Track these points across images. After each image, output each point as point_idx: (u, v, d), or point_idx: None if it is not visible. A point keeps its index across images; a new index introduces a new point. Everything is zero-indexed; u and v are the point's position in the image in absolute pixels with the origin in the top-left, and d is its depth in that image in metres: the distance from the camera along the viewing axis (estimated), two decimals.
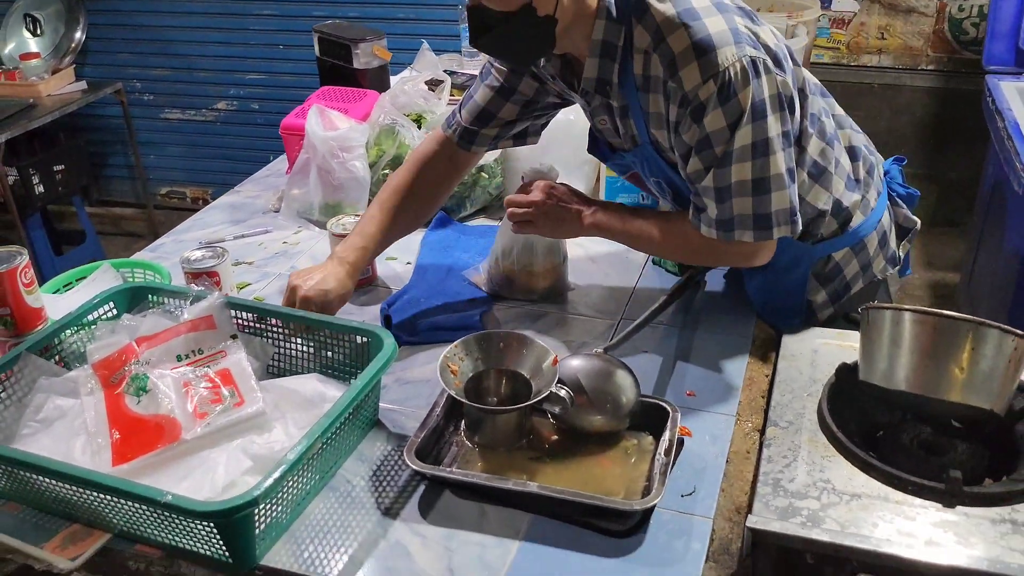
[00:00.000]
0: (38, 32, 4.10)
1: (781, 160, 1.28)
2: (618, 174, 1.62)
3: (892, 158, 1.61)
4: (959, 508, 1.08)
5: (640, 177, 1.52)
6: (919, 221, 1.58)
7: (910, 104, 3.50)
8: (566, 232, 1.49)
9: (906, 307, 1.19)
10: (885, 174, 1.56)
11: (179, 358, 1.29)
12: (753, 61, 1.23)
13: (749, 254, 1.37)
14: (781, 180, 1.29)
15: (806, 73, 1.39)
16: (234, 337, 1.32)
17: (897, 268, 1.56)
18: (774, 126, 1.26)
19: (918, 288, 3.39)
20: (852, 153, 1.46)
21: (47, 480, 1.10)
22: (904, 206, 1.57)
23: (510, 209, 1.48)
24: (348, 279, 1.48)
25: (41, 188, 3.79)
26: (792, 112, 1.30)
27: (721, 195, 1.30)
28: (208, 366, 1.28)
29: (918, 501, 1.09)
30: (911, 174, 3.63)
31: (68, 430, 1.22)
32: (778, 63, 1.27)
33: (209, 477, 1.14)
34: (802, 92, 1.35)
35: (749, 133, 1.25)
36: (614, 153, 1.50)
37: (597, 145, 1.53)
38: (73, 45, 4.10)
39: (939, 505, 1.08)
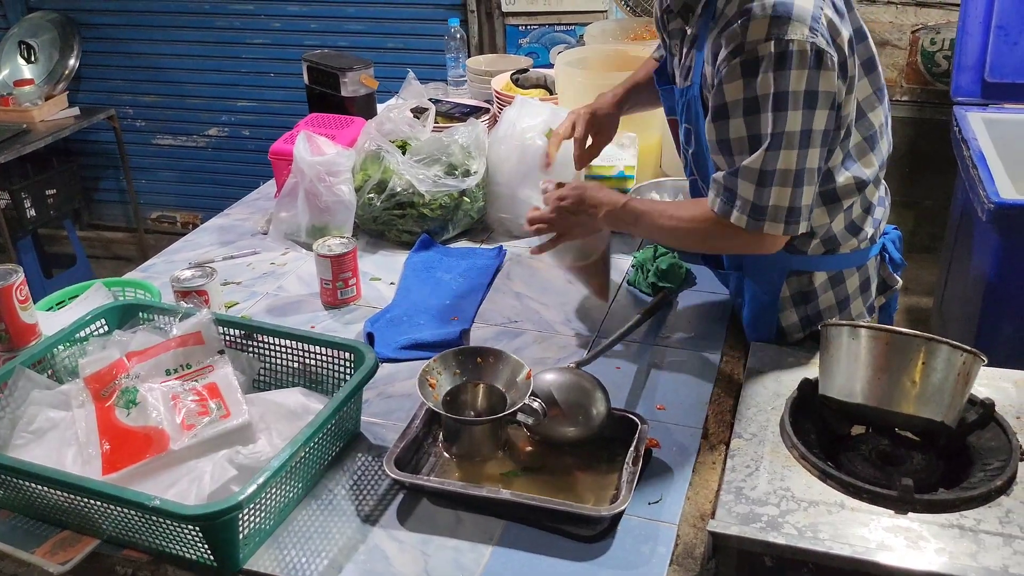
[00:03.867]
0: (32, 59, 4.16)
1: (817, 156, 1.30)
2: (666, 113, 1.66)
3: (892, 226, 1.62)
4: (911, 514, 1.13)
5: (676, 125, 1.56)
6: (900, 282, 1.61)
7: None
8: (586, 231, 1.57)
9: (862, 324, 1.25)
10: (885, 234, 1.57)
11: (168, 372, 1.33)
12: (820, 52, 1.24)
13: (767, 244, 1.38)
14: (813, 176, 1.31)
15: (881, 112, 1.42)
16: (221, 352, 1.37)
17: (874, 317, 1.58)
18: (820, 120, 1.28)
19: (895, 312, 3.46)
20: (869, 209, 1.49)
21: (39, 487, 1.15)
22: (890, 267, 1.59)
23: (534, 227, 1.59)
24: (613, 105, 1.77)
25: (33, 212, 3.85)
26: (839, 116, 1.32)
27: (764, 179, 1.30)
28: (196, 380, 1.33)
29: (872, 508, 1.15)
30: None
31: (60, 441, 1.26)
32: (844, 68, 1.29)
33: (195, 485, 1.19)
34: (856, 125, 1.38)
35: (799, 119, 1.26)
36: (671, 86, 1.55)
37: (664, 73, 1.60)
38: (67, 72, 4.16)
39: (892, 512, 1.14)
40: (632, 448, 1.24)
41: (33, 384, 1.33)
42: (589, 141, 1.78)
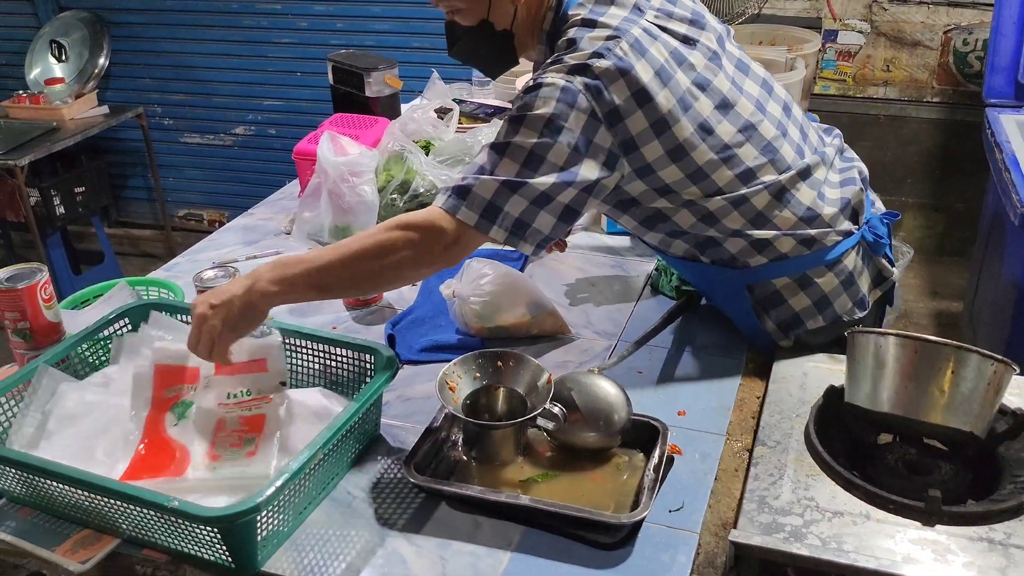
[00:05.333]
0: (63, 58, 4.22)
1: (550, 183, 1.28)
2: None
3: (883, 213, 1.54)
4: (938, 527, 1.11)
5: None
6: (895, 272, 1.53)
7: (916, 135, 3.54)
8: (245, 315, 1.24)
9: (889, 331, 1.23)
10: (866, 222, 1.48)
11: (229, 396, 1.29)
12: (566, 90, 1.27)
13: (450, 243, 1.30)
14: (532, 192, 1.28)
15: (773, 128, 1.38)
16: (284, 384, 1.31)
17: (866, 313, 1.50)
18: (558, 152, 1.27)
19: (923, 317, 3.41)
20: (812, 217, 1.42)
21: (60, 485, 1.15)
22: (882, 259, 1.51)
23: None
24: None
25: (62, 209, 3.89)
26: (603, 159, 1.30)
27: (482, 170, 1.30)
28: (250, 409, 1.28)
29: (899, 519, 1.12)
30: (918, 204, 3.66)
31: (92, 428, 1.27)
32: (616, 116, 1.28)
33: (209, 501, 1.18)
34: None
35: (532, 137, 1.27)
36: None
37: None
38: (96, 71, 4.22)
39: (919, 524, 1.11)
40: (653, 454, 1.23)
41: (57, 382, 1.33)
42: None
